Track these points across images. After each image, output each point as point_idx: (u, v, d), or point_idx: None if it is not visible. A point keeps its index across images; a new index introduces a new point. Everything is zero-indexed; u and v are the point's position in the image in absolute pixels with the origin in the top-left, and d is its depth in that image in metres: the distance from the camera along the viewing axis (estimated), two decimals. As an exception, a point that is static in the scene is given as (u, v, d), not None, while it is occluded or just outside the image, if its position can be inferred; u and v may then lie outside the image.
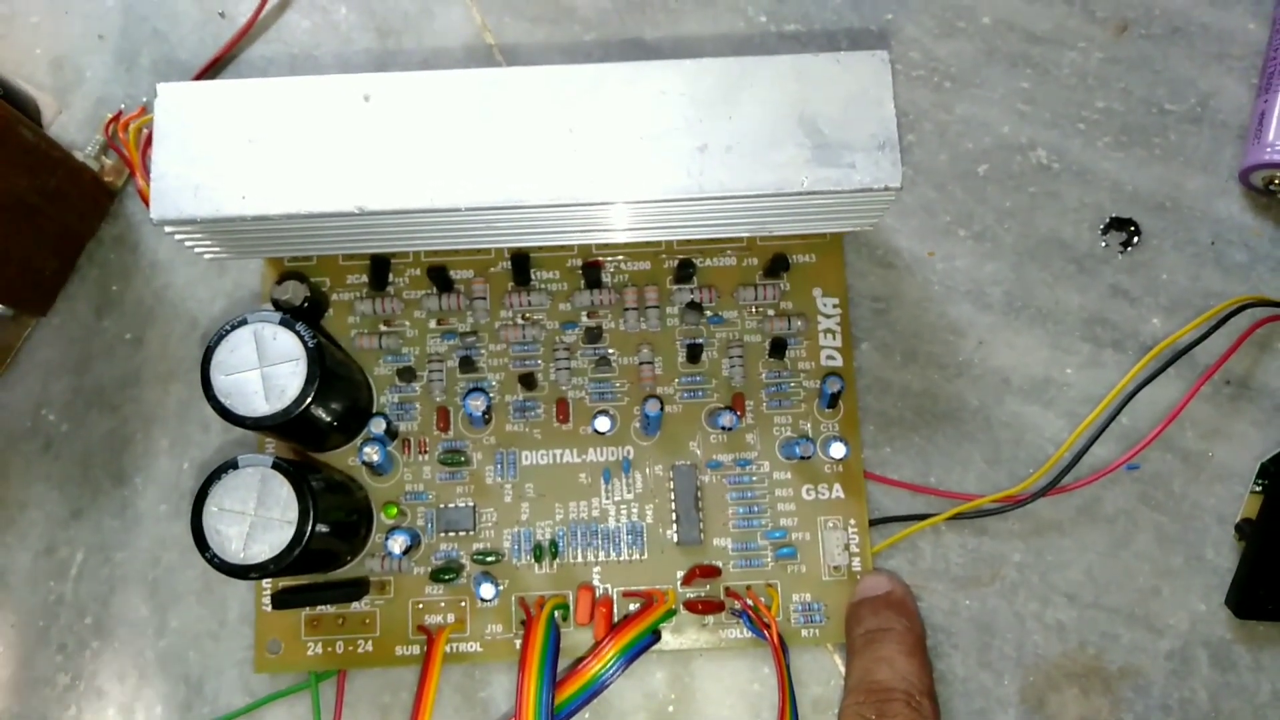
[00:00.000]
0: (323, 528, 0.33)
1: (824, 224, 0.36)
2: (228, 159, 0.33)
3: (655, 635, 0.37)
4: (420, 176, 0.33)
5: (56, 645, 0.40)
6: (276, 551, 0.32)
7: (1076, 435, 0.40)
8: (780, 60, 0.33)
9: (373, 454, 0.37)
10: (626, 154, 0.32)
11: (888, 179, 0.33)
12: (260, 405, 0.33)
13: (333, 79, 0.33)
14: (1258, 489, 0.40)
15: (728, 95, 0.33)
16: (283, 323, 0.33)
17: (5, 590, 0.40)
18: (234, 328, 0.33)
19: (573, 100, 0.33)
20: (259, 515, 0.32)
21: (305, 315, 0.38)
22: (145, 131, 0.42)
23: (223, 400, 0.33)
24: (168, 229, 0.33)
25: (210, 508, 0.32)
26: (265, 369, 0.33)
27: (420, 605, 0.39)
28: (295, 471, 0.33)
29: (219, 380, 0.33)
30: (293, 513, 0.32)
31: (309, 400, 0.33)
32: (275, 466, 0.33)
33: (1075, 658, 0.39)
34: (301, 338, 0.33)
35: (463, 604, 0.39)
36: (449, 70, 0.33)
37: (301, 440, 0.37)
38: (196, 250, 0.36)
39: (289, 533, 0.32)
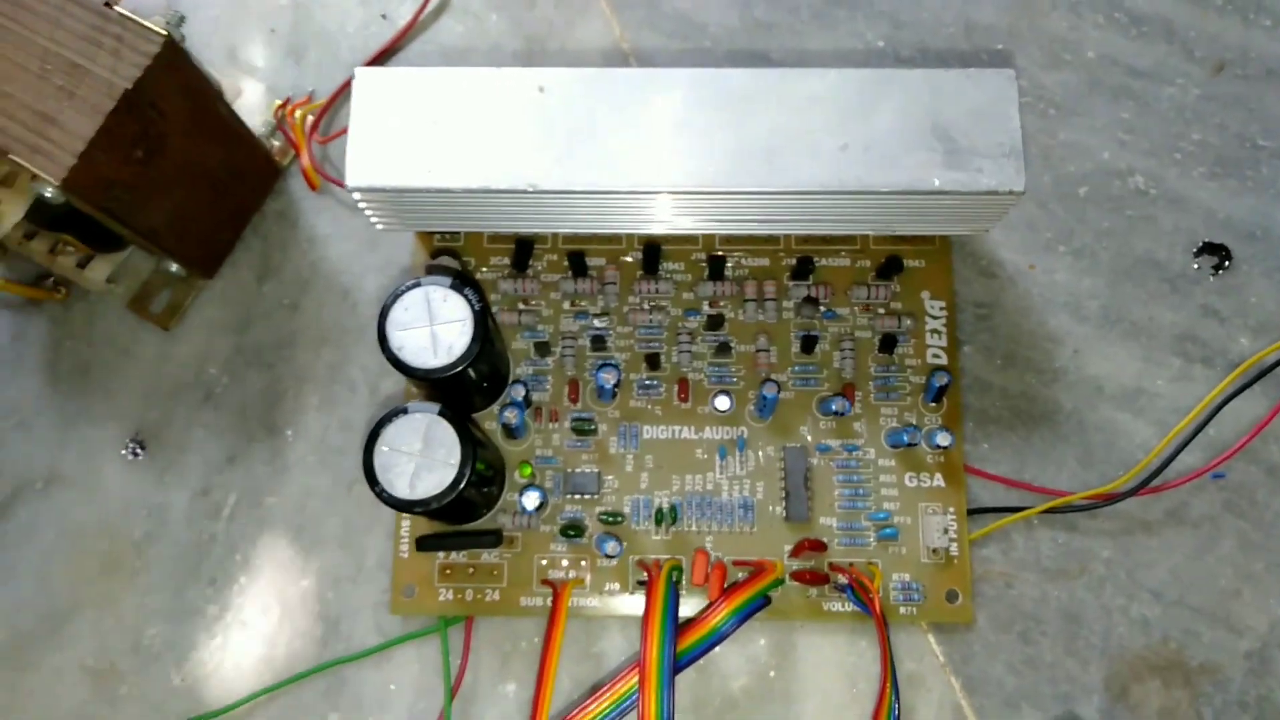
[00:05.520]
0: (477, 474, 0.36)
1: (946, 226, 0.39)
2: (415, 137, 0.37)
3: (766, 599, 0.40)
4: (589, 161, 0.36)
5: (207, 579, 0.43)
6: (440, 489, 0.35)
7: (1166, 442, 0.42)
8: (915, 74, 0.37)
9: (512, 417, 0.41)
10: (778, 148, 0.36)
11: (1012, 184, 0.36)
12: (429, 359, 0.36)
13: (511, 71, 0.37)
14: (1339, 502, 0.42)
15: (867, 102, 0.36)
16: (453, 286, 0.37)
17: (164, 525, 0.44)
18: (409, 289, 0.37)
19: (732, 99, 0.36)
20: (425, 456, 0.36)
21: (458, 287, 0.41)
22: (310, 118, 0.47)
23: (396, 353, 0.36)
24: (355, 196, 0.37)
25: (381, 447, 0.36)
26: (435, 327, 0.36)
27: (544, 561, 0.42)
28: (459, 420, 0.36)
29: (394, 335, 0.36)
30: (455, 456, 0.35)
31: (475, 357, 0.36)
32: (441, 414, 0.36)
33: (1158, 651, 0.41)
34: (469, 301, 0.37)
35: (583, 562, 0.42)
36: (622, 68, 0.36)
37: (453, 397, 0.40)
38: (372, 218, 0.39)
39: (451, 474, 0.35)
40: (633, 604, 0.41)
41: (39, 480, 0.44)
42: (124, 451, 0.44)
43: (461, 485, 0.35)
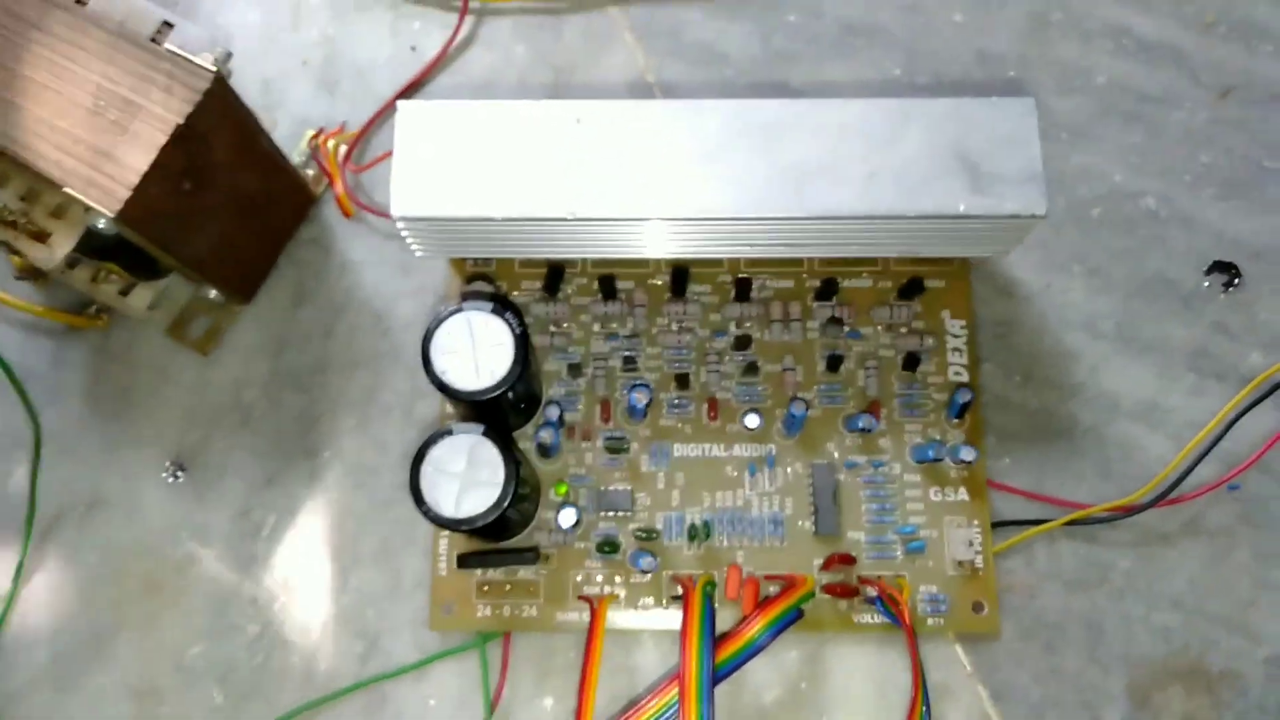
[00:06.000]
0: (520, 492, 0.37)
1: (969, 248, 0.40)
2: (457, 167, 0.38)
3: (799, 612, 0.41)
4: (625, 190, 0.37)
5: (249, 598, 0.44)
6: (485, 508, 0.36)
7: (1183, 455, 0.44)
8: (940, 103, 0.38)
9: (547, 436, 0.42)
10: (809, 176, 0.37)
11: (1034, 207, 0.37)
12: (472, 382, 0.37)
13: (549, 103, 0.39)
14: (1351, 512, 0.43)
15: (894, 131, 0.38)
16: (494, 311, 0.38)
17: (207, 545, 0.45)
18: (451, 314, 0.38)
19: (763, 129, 0.38)
20: (469, 476, 0.37)
21: (494, 311, 0.42)
22: (343, 147, 0.48)
23: (440, 376, 0.37)
24: (400, 225, 0.38)
25: (426, 468, 0.37)
26: (477, 351, 0.38)
27: (580, 577, 0.43)
28: (503, 440, 0.37)
29: (438, 359, 0.38)
30: (500, 475, 0.37)
31: (516, 379, 0.37)
32: (485, 434, 0.37)
33: (1179, 659, 0.42)
34: (510, 325, 0.38)
35: (618, 578, 0.43)
36: (657, 100, 0.38)
37: (491, 418, 0.41)
38: (412, 245, 0.41)
39: (496, 493, 0.36)
40: (667, 618, 0.42)
41: (81, 504, 0.45)
42: (164, 474, 0.45)
43: (506, 504, 0.36)
